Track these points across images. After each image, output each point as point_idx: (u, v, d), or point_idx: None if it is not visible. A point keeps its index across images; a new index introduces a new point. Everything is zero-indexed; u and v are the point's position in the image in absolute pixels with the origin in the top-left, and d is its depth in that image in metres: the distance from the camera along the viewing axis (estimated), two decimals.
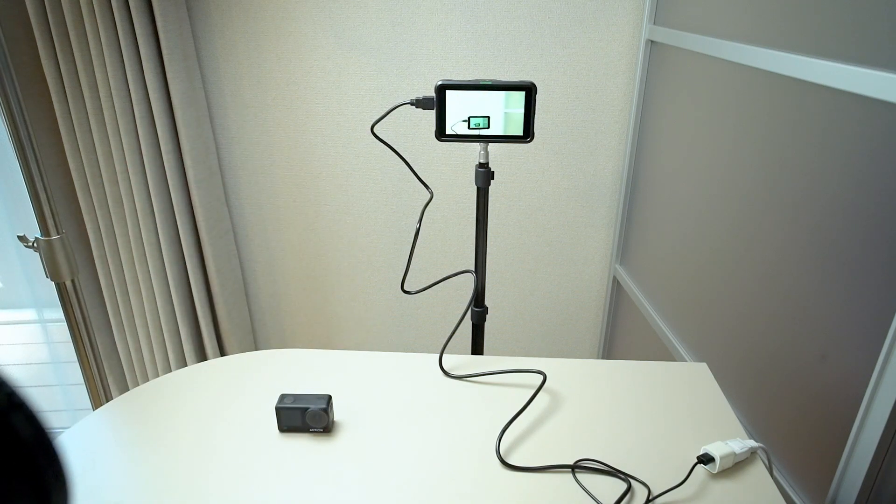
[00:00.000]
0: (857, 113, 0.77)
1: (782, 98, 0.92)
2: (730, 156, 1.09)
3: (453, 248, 1.78)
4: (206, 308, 1.73)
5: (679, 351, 1.30)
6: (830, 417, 0.84)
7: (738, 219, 1.07)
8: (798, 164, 0.89)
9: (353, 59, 1.57)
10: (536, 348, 1.92)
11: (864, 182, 0.76)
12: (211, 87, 1.61)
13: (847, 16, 0.79)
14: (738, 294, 1.08)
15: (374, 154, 1.68)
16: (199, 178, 1.59)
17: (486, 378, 0.97)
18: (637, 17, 1.49)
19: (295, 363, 1.01)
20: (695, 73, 1.22)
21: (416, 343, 1.93)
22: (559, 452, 0.82)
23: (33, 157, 1.02)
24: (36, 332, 1.96)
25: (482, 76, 1.58)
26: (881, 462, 0.73)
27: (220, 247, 1.69)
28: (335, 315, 1.90)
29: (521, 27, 1.52)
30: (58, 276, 1.11)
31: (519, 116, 0.92)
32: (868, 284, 0.76)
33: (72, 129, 1.55)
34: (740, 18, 1.05)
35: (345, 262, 1.82)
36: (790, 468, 0.93)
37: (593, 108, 1.59)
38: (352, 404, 0.91)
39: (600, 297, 1.84)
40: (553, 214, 1.73)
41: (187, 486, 0.77)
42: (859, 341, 0.78)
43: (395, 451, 0.82)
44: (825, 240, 0.84)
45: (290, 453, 0.82)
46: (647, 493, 0.75)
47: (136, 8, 1.39)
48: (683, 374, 0.98)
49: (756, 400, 1.03)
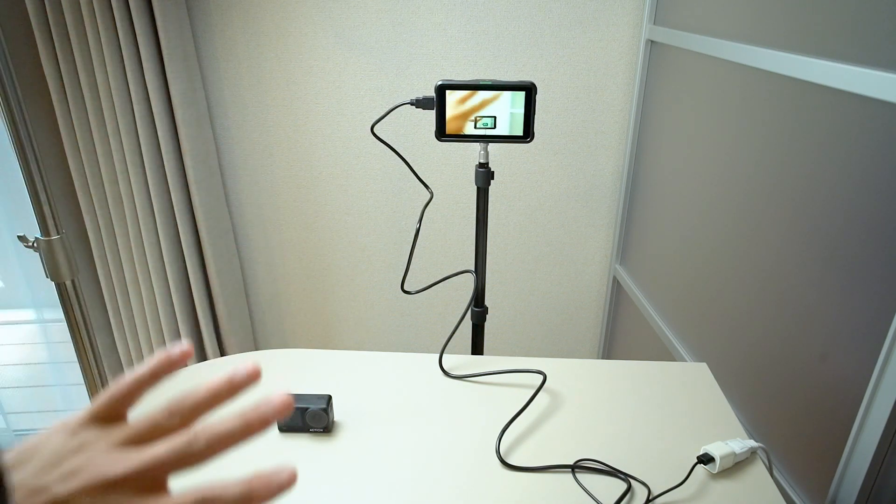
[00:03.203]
0: (857, 113, 0.77)
1: (782, 98, 0.92)
2: (730, 156, 1.09)
3: (453, 248, 1.78)
4: (206, 308, 1.73)
5: (679, 351, 1.30)
6: (830, 417, 0.84)
7: (738, 219, 1.07)
8: (798, 164, 0.89)
9: (353, 59, 1.57)
10: (536, 348, 1.92)
11: (864, 182, 0.76)
12: (211, 87, 1.61)
13: (847, 16, 0.79)
14: (738, 294, 1.08)
15: (374, 154, 1.68)
16: (199, 178, 1.59)
17: (486, 378, 0.97)
18: (637, 17, 1.49)
19: (295, 363, 1.01)
20: (695, 73, 1.22)
21: (416, 343, 1.93)
22: (559, 452, 0.82)
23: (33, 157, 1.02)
24: (36, 332, 1.96)
25: (482, 76, 1.58)
26: (881, 462, 0.73)
27: (220, 247, 1.69)
28: (335, 315, 1.90)
29: (521, 27, 1.52)
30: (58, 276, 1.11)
31: (519, 116, 0.92)
32: (868, 284, 0.76)
33: (72, 129, 1.55)
34: (740, 18, 1.05)
35: (345, 262, 1.82)
36: (790, 468, 0.93)
37: (593, 108, 1.59)
38: (352, 404, 0.91)
39: (600, 297, 1.84)
40: (553, 214, 1.73)
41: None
42: (859, 341, 0.78)
43: (395, 451, 0.82)
44: (825, 240, 0.84)
45: (290, 453, 0.82)
46: (647, 493, 0.75)
47: (136, 8, 1.38)
48: (683, 374, 0.98)
49: (756, 400, 1.03)
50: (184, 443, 0.30)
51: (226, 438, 0.30)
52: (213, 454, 0.30)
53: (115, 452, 0.30)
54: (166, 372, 0.34)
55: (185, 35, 1.49)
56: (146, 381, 0.34)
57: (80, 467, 0.28)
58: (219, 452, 0.30)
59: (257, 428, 0.31)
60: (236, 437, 0.30)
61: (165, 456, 0.29)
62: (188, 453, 0.30)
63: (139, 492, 0.29)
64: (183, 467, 0.30)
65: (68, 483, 0.28)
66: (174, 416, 0.31)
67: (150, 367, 0.33)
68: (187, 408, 0.31)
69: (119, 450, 0.30)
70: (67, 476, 0.28)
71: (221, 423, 0.30)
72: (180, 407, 0.31)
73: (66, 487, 0.27)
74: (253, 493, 0.29)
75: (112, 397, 0.32)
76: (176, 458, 0.29)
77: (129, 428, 0.31)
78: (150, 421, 0.31)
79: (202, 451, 0.30)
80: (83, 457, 0.29)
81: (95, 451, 0.30)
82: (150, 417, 0.31)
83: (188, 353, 0.34)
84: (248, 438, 0.31)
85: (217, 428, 0.30)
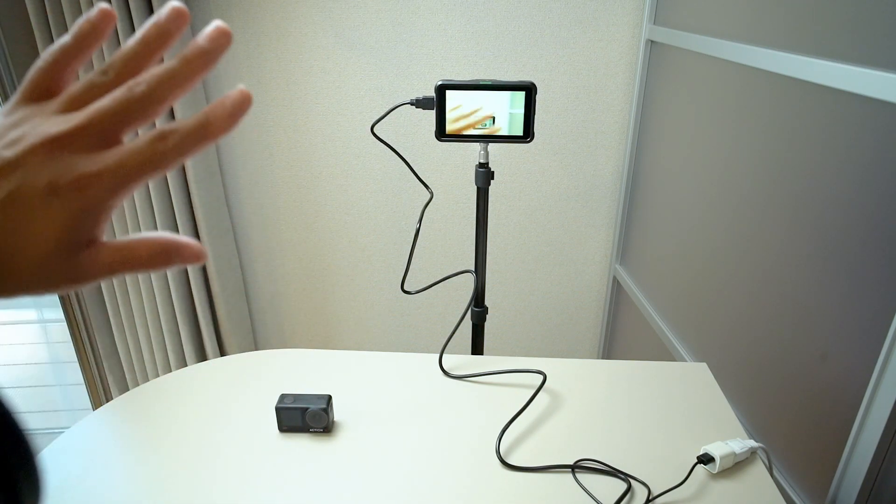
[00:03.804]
0: (857, 113, 0.77)
1: (782, 98, 0.92)
2: (730, 156, 1.09)
3: (453, 248, 1.78)
4: (206, 308, 1.73)
5: (679, 351, 1.30)
6: (830, 417, 0.84)
7: (738, 219, 1.07)
8: (798, 163, 0.89)
9: (353, 59, 1.57)
10: (536, 348, 1.92)
11: (864, 182, 0.76)
12: (211, 87, 1.61)
13: (847, 16, 0.79)
14: (738, 294, 1.08)
15: (374, 154, 1.68)
16: (199, 177, 1.59)
17: (486, 378, 0.97)
18: (637, 17, 1.49)
19: (295, 363, 1.01)
20: (695, 73, 1.22)
21: (416, 343, 1.93)
22: (559, 452, 0.82)
23: None
24: (36, 332, 1.96)
25: (482, 76, 1.58)
26: (881, 462, 0.73)
27: (220, 247, 1.69)
28: (335, 315, 1.90)
29: (521, 27, 1.52)
30: None
31: (519, 116, 0.92)
32: (868, 284, 0.76)
33: None
34: (740, 18, 1.05)
35: (345, 262, 1.82)
36: (790, 468, 0.93)
37: (593, 108, 1.59)
38: (352, 404, 0.91)
39: (600, 297, 1.84)
40: (553, 214, 1.73)
41: (187, 487, 0.77)
42: (859, 341, 0.78)
43: (395, 451, 0.82)
44: (825, 240, 0.84)
45: (290, 453, 0.82)
46: (647, 493, 0.75)
47: (136, 8, 1.39)
48: (683, 374, 0.98)
49: (756, 400, 1.03)
50: (124, 90, 0.28)
51: (167, 79, 0.28)
52: (159, 100, 0.29)
53: (56, 117, 0.29)
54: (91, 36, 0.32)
55: (185, 35, 1.49)
56: (71, 50, 0.31)
57: (24, 134, 0.28)
58: (165, 97, 0.29)
59: (197, 63, 0.29)
60: (179, 78, 0.28)
61: (108, 106, 0.28)
62: (131, 100, 0.28)
63: (92, 148, 0.28)
64: (130, 119, 0.28)
65: (15, 148, 0.27)
66: (107, 73, 0.30)
67: (73, 32, 0.31)
68: (119, 62, 0.30)
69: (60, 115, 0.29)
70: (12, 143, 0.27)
71: (160, 66, 0.29)
72: (112, 63, 0.30)
73: (13, 151, 0.27)
74: (209, 116, 0.28)
75: (39, 71, 0.31)
76: (119, 107, 0.28)
77: (64, 95, 0.30)
78: (83, 83, 0.30)
79: (145, 96, 0.28)
80: (24, 127, 0.28)
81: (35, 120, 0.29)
82: (83, 80, 0.30)
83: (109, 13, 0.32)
84: (192, 78, 0.29)
85: (156, 71, 0.29)
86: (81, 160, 0.27)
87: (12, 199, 0.26)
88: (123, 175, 0.27)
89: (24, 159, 0.27)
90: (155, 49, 0.30)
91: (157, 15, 0.30)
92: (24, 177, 0.26)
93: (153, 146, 0.28)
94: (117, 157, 0.27)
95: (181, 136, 0.28)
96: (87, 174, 0.27)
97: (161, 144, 0.28)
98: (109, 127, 0.28)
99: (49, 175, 0.27)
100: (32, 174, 0.27)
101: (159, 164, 0.28)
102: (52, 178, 0.27)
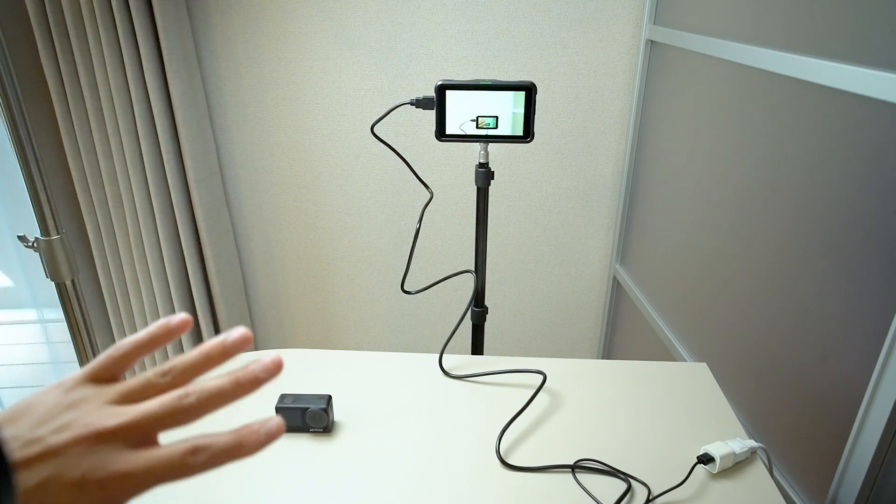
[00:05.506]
0: (857, 113, 0.77)
1: (782, 98, 0.92)
2: (730, 156, 1.09)
3: (453, 248, 1.78)
4: (206, 308, 1.73)
5: (679, 351, 1.30)
6: (830, 417, 0.84)
7: (738, 219, 1.07)
8: (798, 164, 0.89)
9: (353, 59, 1.57)
10: (536, 348, 1.92)
11: (864, 182, 0.76)
12: (211, 86, 1.61)
13: (847, 16, 0.79)
14: (738, 294, 1.08)
15: (374, 154, 1.68)
16: (199, 178, 1.59)
17: (485, 378, 0.97)
18: (637, 17, 1.49)
19: (295, 363, 1.01)
20: (695, 73, 1.22)
21: (416, 343, 1.93)
22: (559, 452, 0.82)
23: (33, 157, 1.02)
24: (36, 332, 1.96)
25: (482, 76, 1.58)
26: (881, 462, 0.73)
27: (220, 247, 1.69)
28: (335, 315, 1.90)
29: (521, 27, 1.52)
30: (58, 276, 1.11)
31: (519, 116, 0.92)
32: (868, 284, 0.76)
33: (72, 129, 1.55)
34: (740, 18, 1.05)
35: (345, 262, 1.82)
36: (790, 468, 0.93)
37: (593, 108, 1.59)
38: (352, 404, 0.91)
39: (600, 297, 1.84)
40: (553, 214, 1.73)
41: (187, 487, 0.77)
42: (859, 341, 0.78)
43: (395, 451, 0.82)
44: (825, 240, 0.84)
45: (290, 453, 0.82)
46: (647, 493, 0.75)
47: (136, 8, 1.39)
48: (683, 374, 0.98)
49: (756, 400, 1.03)
50: (174, 399, 0.30)
51: (216, 396, 0.31)
52: (204, 412, 0.31)
53: (107, 408, 0.30)
54: (164, 339, 0.35)
55: (185, 35, 1.49)
56: (143, 347, 0.34)
57: (74, 420, 0.29)
58: (209, 410, 0.31)
59: (248, 387, 0.31)
60: (226, 396, 0.31)
61: (156, 411, 0.30)
62: (178, 409, 0.30)
63: (130, 445, 0.29)
64: (173, 424, 0.30)
65: (61, 435, 0.28)
66: (166, 376, 0.32)
67: (149, 332, 0.34)
68: (179, 368, 0.32)
69: (112, 406, 0.31)
70: (61, 428, 0.29)
71: (212, 381, 0.31)
72: (172, 367, 0.32)
73: (59, 439, 0.28)
74: (242, 440, 0.30)
75: (108, 358, 0.33)
76: (166, 414, 0.30)
77: (122, 386, 0.32)
78: (142, 380, 0.32)
79: (192, 408, 0.30)
80: (77, 412, 0.30)
81: (89, 406, 0.30)
82: (142, 377, 0.32)
83: (187, 323, 0.35)
84: (238, 397, 0.31)
85: (207, 385, 0.31)
86: (116, 456, 0.29)
87: (43, 487, 0.27)
88: (150, 478, 0.29)
89: (67, 449, 0.28)
90: (214, 364, 0.33)
91: (226, 335, 0.33)
92: (60, 466, 0.28)
93: (184, 458, 0.29)
94: (148, 462, 0.29)
95: (212, 454, 0.30)
96: (117, 474, 0.29)
97: (192, 458, 0.30)
98: (153, 429, 0.30)
99: (83, 469, 0.28)
100: (69, 466, 0.28)
101: (186, 475, 0.30)
102: (85, 472, 0.28)
